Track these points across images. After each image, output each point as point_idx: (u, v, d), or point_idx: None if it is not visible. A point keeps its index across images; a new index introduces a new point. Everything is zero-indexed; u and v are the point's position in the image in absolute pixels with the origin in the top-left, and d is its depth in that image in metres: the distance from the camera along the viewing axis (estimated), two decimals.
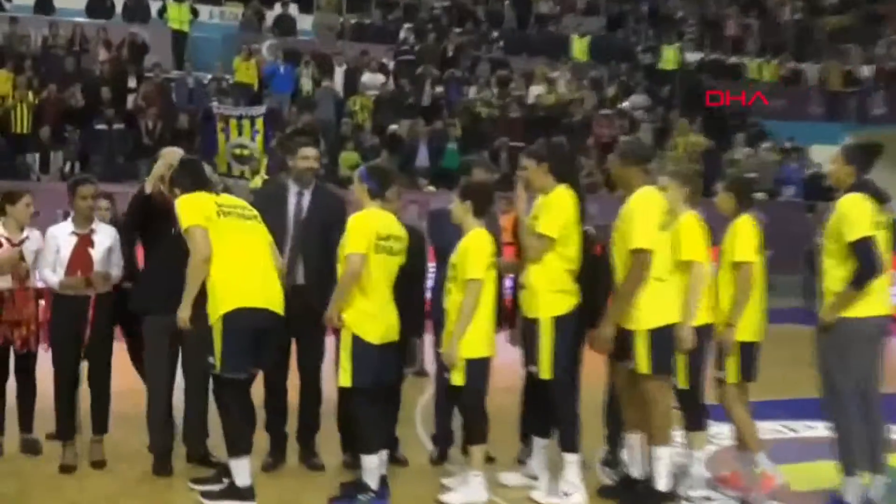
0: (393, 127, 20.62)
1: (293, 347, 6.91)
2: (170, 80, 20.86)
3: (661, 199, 6.19)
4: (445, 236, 6.64)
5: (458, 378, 6.15)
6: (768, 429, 8.16)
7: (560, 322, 6.16)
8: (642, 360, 6.04)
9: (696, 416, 6.51)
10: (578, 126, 22.70)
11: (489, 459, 6.88)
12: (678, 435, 6.58)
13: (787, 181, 23.29)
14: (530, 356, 6.29)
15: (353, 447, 6.55)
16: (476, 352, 6.16)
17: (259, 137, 18.98)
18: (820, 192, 22.72)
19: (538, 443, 6.57)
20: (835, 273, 6.12)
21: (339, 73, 22.04)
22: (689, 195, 6.41)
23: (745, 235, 6.36)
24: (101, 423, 6.88)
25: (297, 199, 6.89)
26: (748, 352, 6.32)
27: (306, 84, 21.62)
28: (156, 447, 6.78)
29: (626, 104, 24.52)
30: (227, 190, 6.91)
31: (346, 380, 6.03)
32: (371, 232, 6.04)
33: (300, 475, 6.82)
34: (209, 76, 21.39)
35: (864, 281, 5.99)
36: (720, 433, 7.29)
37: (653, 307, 6.03)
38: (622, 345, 6.11)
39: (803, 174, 23.35)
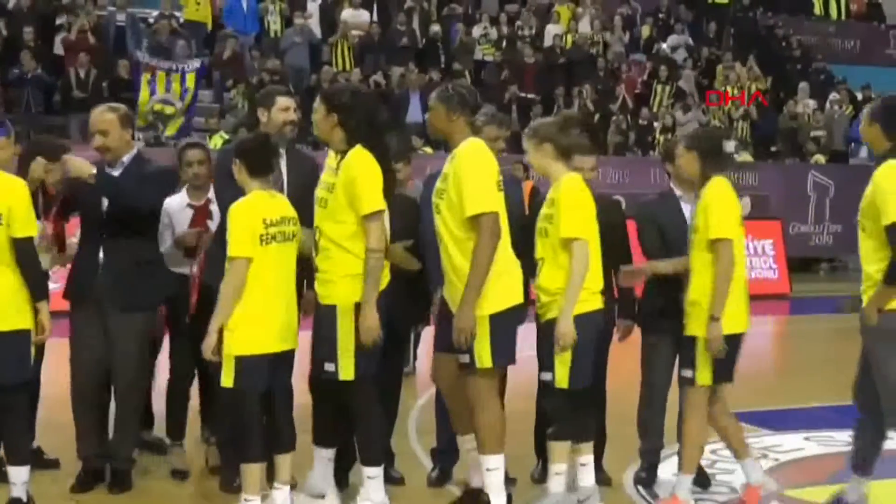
0: (375, 76, 20.60)
1: None
2: (106, 17, 20.78)
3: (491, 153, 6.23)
4: None
5: (226, 379, 6.00)
6: (837, 439, 8.21)
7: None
8: (484, 351, 6.06)
9: (581, 423, 6.54)
10: (604, 74, 22.71)
11: (509, 480, 6.91)
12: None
13: (861, 140, 23.30)
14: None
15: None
16: (249, 348, 6.00)
17: (188, 98, 19.00)
18: None
19: (322, 453, 6.52)
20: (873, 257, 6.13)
21: (313, 8, 22.00)
22: (555, 151, 6.37)
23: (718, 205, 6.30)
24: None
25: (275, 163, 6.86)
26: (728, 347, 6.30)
27: (274, 22, 21.60)
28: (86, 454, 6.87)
29: (663, 46, 24.50)
30: None
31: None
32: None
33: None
34: (154, 13, 21.35)
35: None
36: (779, 445, 7.32)
37: (497, 289, 6.06)
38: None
39: None
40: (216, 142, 18.20)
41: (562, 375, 6.19)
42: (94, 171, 6.42)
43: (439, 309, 6.55)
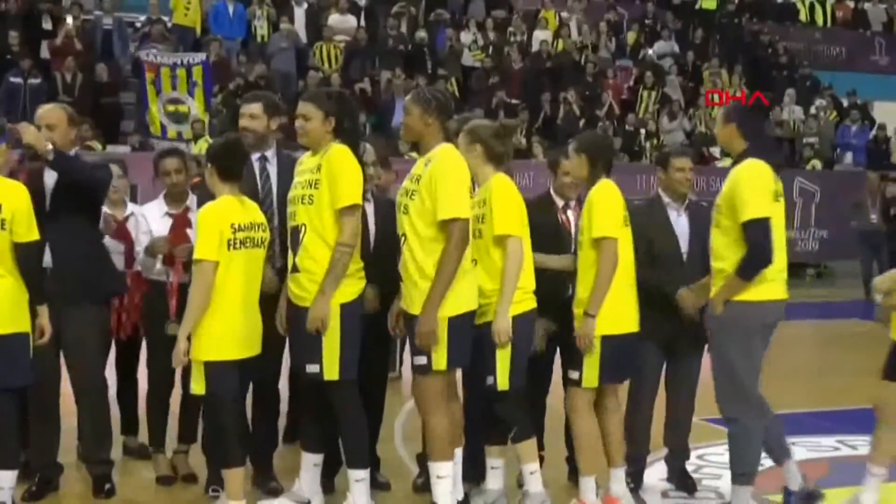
0: (361, 84, 20.57)
1: None
2: (93, 22, 20.73)
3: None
4: None
5: (197, 386, 6.06)
6: (823, 444, 8.24)
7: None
8: (440, 353, 6.04)
9: (523, 423, 6.52)
10: (591, 79, 22.74)
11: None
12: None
13: (847, 145, 23.29)
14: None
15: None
16: (218, 353, 6.04)
17: (198, 91, 18.87)
18: (886, 158, 22.81)
19: (309, 459, 6.54)
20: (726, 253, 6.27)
21: (299, 13, 22.00)
22: (485, 155, 6.38)
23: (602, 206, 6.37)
24: (191, 430, 7.20)
25: (262, 166, 6.87)
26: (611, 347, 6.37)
27: (260, 27, 21.58)
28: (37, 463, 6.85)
29: (649, 52, 24.54)
30: None
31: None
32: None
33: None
34: (142, 17, 21.32)
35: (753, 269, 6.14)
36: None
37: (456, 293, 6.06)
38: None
39: (867, 136, 23.39)
40: (201, 146, 18.17)
41: (502, 378, 6.23)
42: (50, 147, 6.32)
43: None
